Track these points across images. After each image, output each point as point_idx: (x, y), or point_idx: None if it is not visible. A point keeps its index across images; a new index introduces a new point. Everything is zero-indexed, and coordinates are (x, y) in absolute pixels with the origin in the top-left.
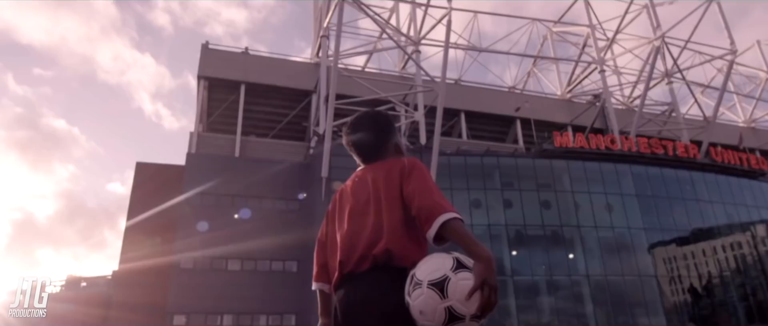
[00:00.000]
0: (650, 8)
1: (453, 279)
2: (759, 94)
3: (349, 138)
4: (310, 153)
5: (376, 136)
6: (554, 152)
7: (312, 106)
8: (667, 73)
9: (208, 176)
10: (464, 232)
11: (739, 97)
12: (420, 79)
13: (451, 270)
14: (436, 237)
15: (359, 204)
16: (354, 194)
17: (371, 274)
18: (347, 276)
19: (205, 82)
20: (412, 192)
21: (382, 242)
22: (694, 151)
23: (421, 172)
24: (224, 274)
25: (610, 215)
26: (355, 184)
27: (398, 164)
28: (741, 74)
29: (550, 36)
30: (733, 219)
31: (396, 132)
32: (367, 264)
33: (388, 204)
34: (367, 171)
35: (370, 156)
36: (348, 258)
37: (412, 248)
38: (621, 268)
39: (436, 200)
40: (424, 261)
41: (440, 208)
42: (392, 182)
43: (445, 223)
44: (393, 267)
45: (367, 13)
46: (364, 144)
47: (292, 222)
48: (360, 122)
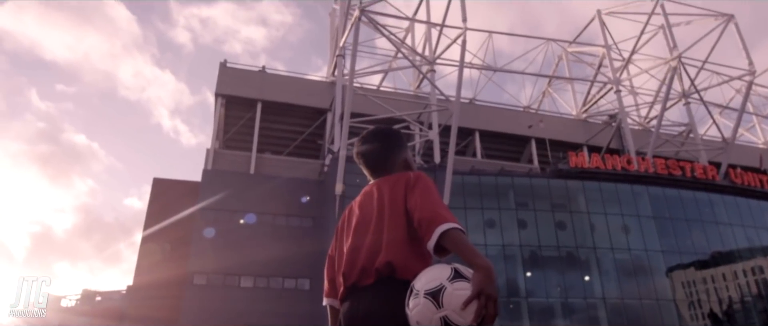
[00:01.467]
0: (667, 28)
1: (449, 289)
2: None
3: (358, 150)
4: (324, 170)
5: (384, 150)
6: (569, 172)
7: (327, 124)
8: (685, 93)
9: (223, 192)
10: (463, 242)
11: (759, 118)
12: (435, 98)
13: (448, 279)
14: (437, 247)
15: (364, 218)
16: (361, 208)
17: (375, 287)
18: (351, 288)
19: (223, 100)
20: (414, 205)
21: (383, 255)
22: (713, 172)
23: (425, 185)
24: (237, 291)
25: (626, 237)
26: (362, 199)
27: (403, 177)
28: (760, 95)
29: (565, 56)
30: (754, 242)
31: (405, 148)
32: (370, 277)
33: (391, 217)
34: (374, 186)
35: (377, 169)
36: (350, 271)
37: (415, 261)
38: (638, 292)
39: (436, 211)
40: (425, 272)
41: (440, 218)
42: (397, 195)
43: (444, 233)
44: (396, 280)
45: (383, 32)
46: (372, 156)
47: (305, 239)
48: (370, 135)
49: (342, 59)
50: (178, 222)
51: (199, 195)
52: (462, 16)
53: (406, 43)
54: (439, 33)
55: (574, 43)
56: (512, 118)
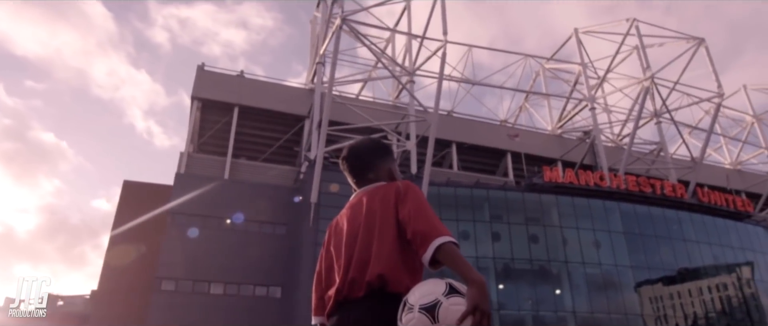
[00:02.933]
0: (641, 49)
1: (444, 304)
2: (745, 137)
3: (344, 156)
4: (300, 178)
5: (369, 158)
6: (544, 187)
7: (304, 131)
8: (656, 113)
9: (195, 197)
10: (458, 256)
11: (726, 140)
12: (413, 109)
13: (443, 295)
14: (431, 260)
15: (353, 231)
16: (349, 221)
17: (365, 301)
18: (342, 302)
19: (199, 103)
20: (407, 216)
21: (375, 268)
22: (682, 190)
23: (416, 195)
24: (206, 298)
25: (597, 252)
26: (349, 211)
27: (393, 187)
28: (728, 117)
29: (542, 72)
30: (719, 260)
31: (391, 159)
32: (361, 290)
33: (382, 229)
34: (361, 197)
35: (361, 176)
36: (343, 285)
37: (406, 274)
38: (607, 306)
39: (431, 223)
40: (418, 286)
41: (436, 232)
42: (387, 206)
43: (440, 247)
44: (387, 293)
45: (364, 42)
46: (356, 163)
47: (278, 246)
48: (356, 145)
49: (322, 67)
50: (147, 226)
51: (171, 199)
52: (443, 29)
53: (387, 53)
54: (420, 44)
55: (552, 59)
56: (489, 131)
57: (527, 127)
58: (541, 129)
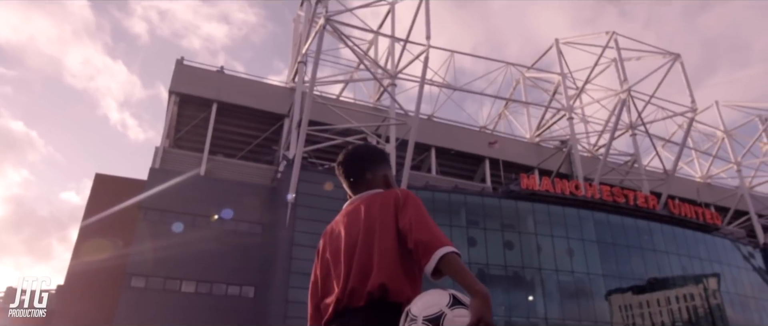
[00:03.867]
0: (619, 62)
1: (449, 316)
2: (715, 152)
3: (340, 161)
4: (277, 177)
5: (365, 164)
6: (520, 194)
7: (284, 130)
8: (632, 125)
9: (170, 193)
10: (461, 267)
11: (697, 153)
12: (394, 112)
13: (447, 306)
14: (433, 270)
15: (352, 239)
16: (346, 229)
17: (365, 310)
18: (341, 312)
19: (177, 98)
20: (408, 225)
21: (377, 277)
22: (654, 202)
23: (416, 203)
24: (177, 295)
25: (570, 259)
26: (346, 219)
27: (392, 195)
28: (700, 131)
29: (522, 80)
30: (687, 270)
31: (387, 165)
32: (361, 300)
33: (382, 237)
34: (358, 204)
35: (356, 181)
36: (343, 294)
37: (408, 283)
38: (579, 313)
39: (433, 233)
40: (420, 297)
41: (438, 241)
42: (387, 214)
43: (442, 257)
44: (388, 303)
45: (347, 43)
46: (352, 170)
47: (253, 246)
48: (352, 150)
49: (303, 66)
50: (119, 220)
51: (144, 194)
52: (426, 34)
53: (369, 55)
54: (403, 48)
55: (532, 68)
56: (468, 137)
57: (506, 134)
58: (519, 136)
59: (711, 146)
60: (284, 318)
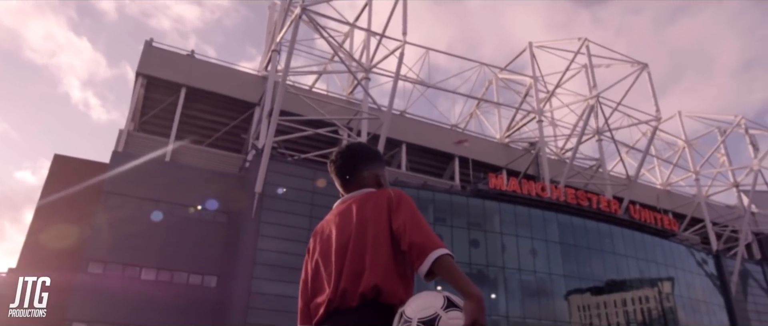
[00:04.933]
0: (589, 68)
1: (444, 318)
2: (676, 161)
3: (333, 158)
4: (245, 166)
5: (359, 163)
6: (488, 193)
7: (254, 118)
8: (598, 130)
9: (132, 177)
10: (455, 269)
11: (659, 161)
12: (366, 106)
13: (442, 308)
14: (427, 272)
15: (344, 239)
16: (338, 229)
17: (358, 311)
18: (333, 312)
19: (144, 80)
20: (402, 226)
21: (370, 278)
22: (616, 206)
23: (409, 205)
24: (136, 283)
25: (533, 259)
26: (338, 218)
27: (384, 196)
28: (662, 140)
29: (495, 81)
30: (644, 274)
31: (381, 165)
32: (354, 300)
33: (376, 239)
34: (350, 204)
35: (349, 181)
36: (335, 295)
37: (400, 285)
38: (539, 312)
39: (427, 235)
40: (414, 298)
41: (433, 244)
42: (380, 215)
43: (437, 259)
44: (380, 304)
45: (322, 34)
46: (345, 168)
47: (217, 235)
48: (346, 148)
49: (277, 55)
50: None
51: (106, 177)
52: (402, 29)
53: (344, 47)
54: (378, 42)
55: (505, 70)
56: (440, 134)
57: (476, 133)
58: (489, 136)
59: (672, 155)
60: (247, 309)
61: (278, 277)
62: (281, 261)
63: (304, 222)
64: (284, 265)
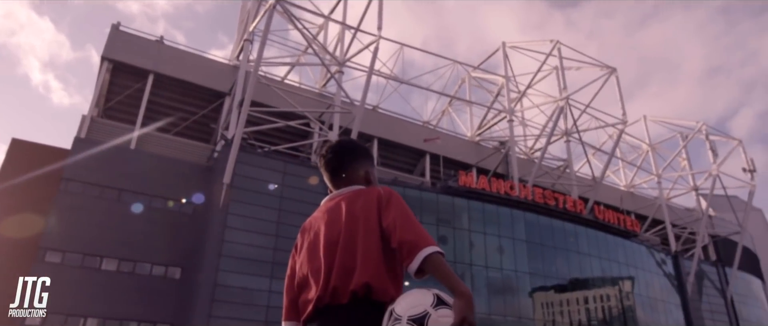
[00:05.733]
0: (560, 70)
1: (433, 316)
2: (640, 163)
3: (322, 153)
4: (214, 156)
5: (349, 159)
6: (458, 190)
7: (224, 108)
8: (567, 132)
9: (95, 165)
10: (446, 267)
11: (624, 163)
12: (339, 100)
13: (432, 306)
14: (417, 270)
15: (333, 236)
16: (327, 225)
17: (348, 308)
18: (323, 310)
19: (110, 65)
20: (392, 224)
21: (361, 276)
22: (581, 206)
23: (399, 202)
24: (96, 273)
25: (500, 257)
26: (327, 215)
27: (374, 193)
28: (627, 143)
29: (468, 79)
30: (606, 273)
31: (371, 162)
32: (344, 297)
33: (366, 236)
34: (339, 200)
35: (339, 177)
36: (324, 292)
37: (391, 282)
38: (504, 309)
39: (418, 232)
40: (404, 296)
41: (423, 241)
42: (370, 212)
43: (427, 257)
44: (371, 302)
45: (297, 25)
46: (336, 163)
47: (183, 226)
48: (337, 143)
49: (249, 44)
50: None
51: (67, 164)
52: (378, 24)
53: (318, 40)
54: (353, 36)
55: (478, 69)
56: (411, 130)
57: (448, 130)
58: (460, 134)
59: (636, 157)
60: (212, 302)
61: (245, 270)
62: (248, 253)
63: (273, 215)
64: (251, 258)
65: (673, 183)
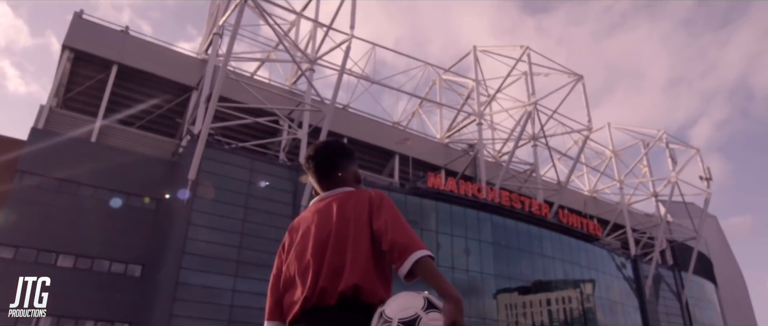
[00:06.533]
0: (529, 76)
1: (424, 319)
2: (603, 169)
3: (310, 155)
4: (179, 151)
5: (338, 160)
6: (426, 191)
7: (190, 102)
8: (534, 136)
9: (52, 157)
10: (436, 271)
11: (588, 169)
12: (309, 98)
13: (423, 309)
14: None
15: (323, 237)
16: (317, 226)
17: (336, 310)
18: (310, 310)
19: (71, 54)
20: (383, 226)
21: (351, 277)
22: (546, 210)
23: (390, 206)
24: (52, 270)
25: (467, 259)
26: (316, 216)
27: (366, 195)
28: (592, 149)
29: (439, 82)
30: (568, 275)
31: (356, 162)
32: (332, 298)
33: (356, 238)
34: (330, 202)
35: (328, 178)
36: (312, 293)
37: (380, 284)
38: (469, 310)
39: (409, 235)
40: (394, 298)
41: (414, 245)
42: (361, 215)
43: (418, 260)
44: (359, 303)
45: (268, 20)
46: (326, 165)
47: (144, 222)
48: (323, 145)
49: (219, 38)
50: None
51: (22, 155)
52: (350, 23)
53: (290, 36)
54: (325, 34)
55: (449, 71)
56: (382, 131)
57: (418, 132)
58: (430, 136)
59: (600, 163)
60: (173, 300)
61: (208, 268)
62: (212, 251)
63: (239, 213)
64: (215, 256)
65: (634, 189)
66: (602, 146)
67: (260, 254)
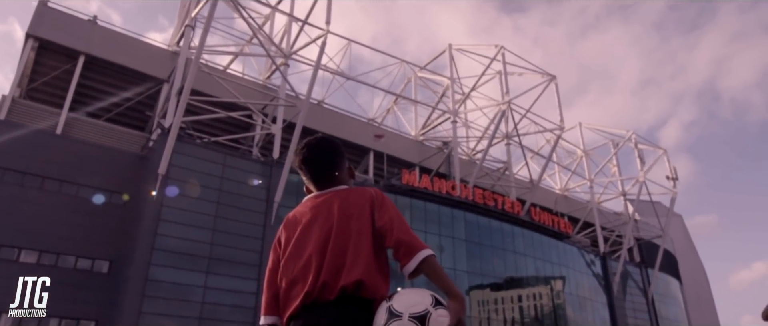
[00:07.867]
0: (503, 75)
1: (433, 315)
2: (574, 168)
3: (304, 156)
4: (149, 145)
5: (335, 158)
6: (401, 188)
7: (161, 96)
8: (508, 135)
9: (15, 149)
10: (441, 270)
11: (559, 168)
12: (284, 93)
13: (432, 306)
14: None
15: (324, 234)
16: (318, 221)
17: (338, 304)
18: (310, 305)
19: (35, 43)
20: (388, 224)
21: (353, 273)
22: (519, 208)
23: (392, 204)
24: (13, 266)
25: (440, 255)
26: (315, 211)
27: (367, 193)
28: (564, 148)
29: (414, 79)
30: (539, 272)
31: (346, 159)
32: (332, 294)
33: (359, 235)
34: (330, 197)
35: (325, 176)
36: (313, 288)
37: (381, 281)
38: None
39: (413, 235)
40: (401, 294)
41: (420, 244)
42: (363, 212)
43: (425, 259)
44: (360, 299)
45: (242, 13)
46: (323, 163)
47: (112, 217)
48: (318, 143)
49: (191, 30)
50: None
51: None
52: (326, 18)
53: (264, 30)
54: (300, 29)
55: (425, 69)
56: (356, 127)
57: (393, 129)
58: (404, 133)
59: (571, 162)
60: (142, 297)
61: (178, 264)
62: (183, 247)
63: (211, 208)
64: (186, 252)
65: (604, 188)
66: (573, 145)
67: (232, 250)
